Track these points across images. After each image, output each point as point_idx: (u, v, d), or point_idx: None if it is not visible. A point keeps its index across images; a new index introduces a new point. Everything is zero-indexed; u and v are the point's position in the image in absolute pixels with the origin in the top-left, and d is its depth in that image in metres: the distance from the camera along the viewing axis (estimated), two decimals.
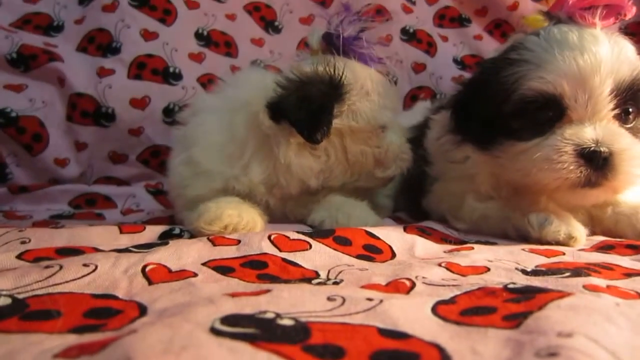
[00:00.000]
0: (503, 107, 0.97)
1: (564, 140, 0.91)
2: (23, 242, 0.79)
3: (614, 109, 0.91)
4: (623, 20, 0.98)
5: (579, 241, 0.91)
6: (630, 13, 0.97)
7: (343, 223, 1.00)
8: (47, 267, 0.59)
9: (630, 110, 0.94)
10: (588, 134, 0.90)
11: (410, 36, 2.07)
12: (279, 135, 1.02)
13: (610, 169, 0.90)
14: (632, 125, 0.95)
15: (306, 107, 0.97)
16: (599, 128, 0.91)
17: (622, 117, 0.93)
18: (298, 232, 0.81)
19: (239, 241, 0.75)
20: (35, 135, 1.61)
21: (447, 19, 2.14)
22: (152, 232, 0.87)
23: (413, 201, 1.26)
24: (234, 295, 0.51)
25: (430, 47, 2.09)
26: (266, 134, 1.02)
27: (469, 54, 2.12)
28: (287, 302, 0.49)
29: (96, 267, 0.60)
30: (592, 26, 0.96)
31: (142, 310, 0.49)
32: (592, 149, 0.89)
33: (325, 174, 1.07)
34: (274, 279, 0.63)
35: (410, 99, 2.00)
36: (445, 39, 2.12)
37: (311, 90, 0.99)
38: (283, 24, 1.98)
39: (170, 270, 0.63)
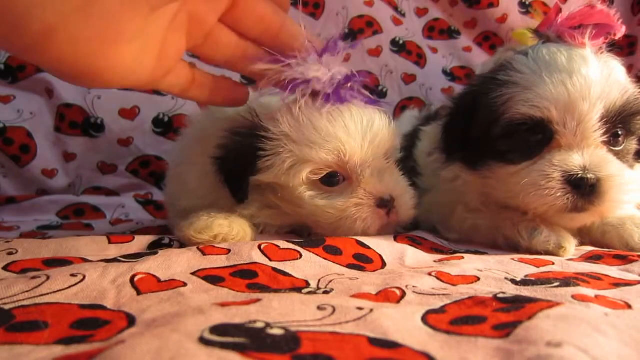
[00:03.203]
0: (492, 130, 0.97)
1: (552, 166, 0.91)
2: (10, 253, 0.78)
3: (603, 134, 0.91)
4: (613, 39, 0.98)
5: (568, 251, 0.92)
6: (620, 33, 0.96)
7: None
8: (34, 277, 0.59)
9: (620, 133, 0.94)
10: (576, 160, 0.90)
11: (400, 47, 2.08)
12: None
13: (597, 196, 0.90)
14: (620, 148, 0.95)
15: (230, 164, 0.91)
16: (587, 154, 0.91)
17: (611, 141, 0.93)
18: (288, 241, 0.81)
19: (229, 251, 0.74)
20: (23, 147, 1.60)
21: (437, 31, 2.16)
22: (141, 242, 0.86)
23: None
24: (223, 305, 0.50)
25: (420, 59, 2.10)
26: None
27: (458, 66, 2.14)
28: (277, 312, 0.48)
29: (84, 277, 0.60)
30: (581, 46, 0.95)
31: (131, 320, 0.49)
32: (579, 176, 0.89)
33: (276, 222, 1.01)
34: (264, 289, 0.63)
35: (400, 109, 2.02)
36: (435, 50, 2.14)
37: (234, 144, 0.91)
38: None
39: (159, 280, 0.63)
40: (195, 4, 0.76)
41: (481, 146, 1.01)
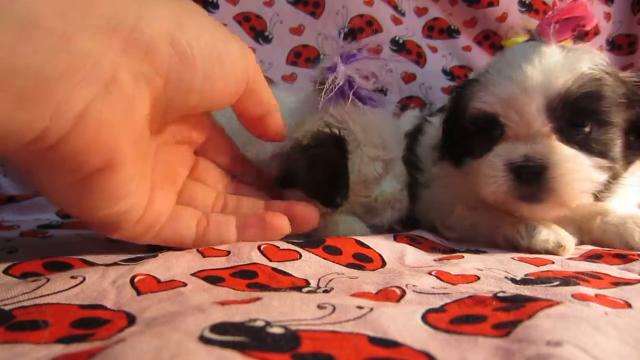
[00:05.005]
0: (463, 125, 1.03)
1: (496, 156, 0.95)
2: (10, 252, 0.79)
3: (552, 123, 0.92)
4: (582, 31, 0.97)
5: (568, 250, 0.92)
6: (590, 24, 0.96)
7: (332, 230, 1.01)
8: (34, 281, 0.59)
9: (584, 123, 0.93)
10: (519, 150, 0.93)
11: (400, 47, 2.08)
12: None
13: (547, 184, 0.91)
14: (583, 137, 0.93)
15: (320, 173, 0.94)
16: (533, 144, 0.92)
17: (570, 130, 0.93)
18: (288, 241, 0.81)
19: (229, 252, 0.74)
20: None
21: (436, 30, 2.16)
22: None
23: None
24: (223, 303, 0.50)
25: (419, 58, 2.10)
26: None
27: (458, 65, 2.13)
28: (277, 310, 0.48)
29: (84, 278, 0.60)
30: (550, 41, 0.97)
31: (131, 319, 0.49)
32: (519, 163, 0.91)
33: None
34: (264, 288, 0.63)
35: (400, 109, 2.02)
36: (434, 49, 2.14)
37: (321, 152, 0.95)
38: (273, 34, 1.98)
39: (159, 281, 0.63)
40: (168, 154, 0.76)
41: (462, 144, 1.05)
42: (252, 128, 0.84)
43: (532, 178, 0.91)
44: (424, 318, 0.49)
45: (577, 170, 0.90)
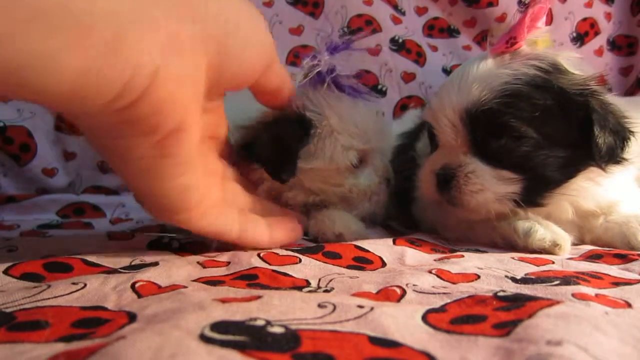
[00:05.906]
0: None
1: (428, 161, 1.04)
2: (10, 250, 0.79)
3: (467, 136, 0.96)
4: (513, 44, 0.96)
5: (564, 249, 0.92)
6: (520, 38, 0.95)
7: (329, 226, 1.01)
8: (35, 287, 0.59)
9: (493, 135, 0.94)
10: (442, 158, 1.00)
11: (400, 46, 2.08)
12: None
13: (456, 192, 0.97)
14: (496, 150, 0.94)
15: (273, 148, 0.94)
16: (450, 154, 0.99)
17: (482, 143, 0.95)
18: (287, 248, 0.82)
19: (229, 262, 0.75)
20: (23, 146, 1.59)
21: (437, 29, 2.16)
22: (140, 241, 0.86)
23: (404, 208, 1.26)
24: (224, 300, 0.50)
25: (419, 57, 2.10)
26: None
27: (458, 64, 2.12)
28: (277, 309, 0.49)
29: (85, 284, 0.60)
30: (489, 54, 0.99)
31: (132, 317, 0.49)
32: (436, 171, 0.99)
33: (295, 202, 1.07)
34: (265, 287, 0.63)
35: (400, 108, 2.02)
36: (434, 49, 2.14)
37: (279, 130, 0.96)
38: (273, 34, 1.97)
39: (159, 287, 0.63)
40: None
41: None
42: (269, 101, 0.89)
43: (444, 186, 0.98)
44: (424, 318, 0.50)
45: (476, 182, 0.95)
